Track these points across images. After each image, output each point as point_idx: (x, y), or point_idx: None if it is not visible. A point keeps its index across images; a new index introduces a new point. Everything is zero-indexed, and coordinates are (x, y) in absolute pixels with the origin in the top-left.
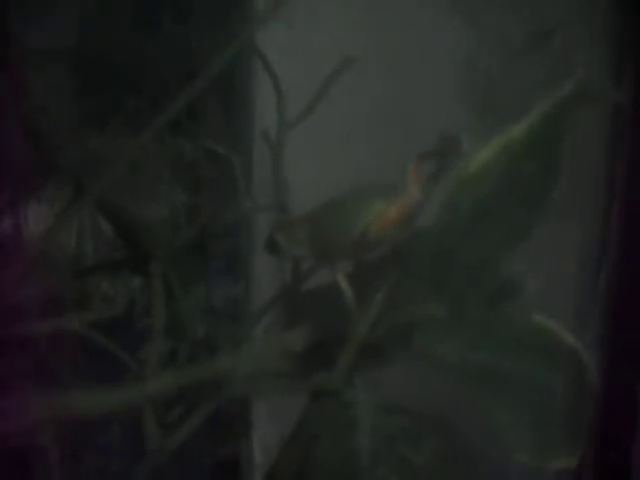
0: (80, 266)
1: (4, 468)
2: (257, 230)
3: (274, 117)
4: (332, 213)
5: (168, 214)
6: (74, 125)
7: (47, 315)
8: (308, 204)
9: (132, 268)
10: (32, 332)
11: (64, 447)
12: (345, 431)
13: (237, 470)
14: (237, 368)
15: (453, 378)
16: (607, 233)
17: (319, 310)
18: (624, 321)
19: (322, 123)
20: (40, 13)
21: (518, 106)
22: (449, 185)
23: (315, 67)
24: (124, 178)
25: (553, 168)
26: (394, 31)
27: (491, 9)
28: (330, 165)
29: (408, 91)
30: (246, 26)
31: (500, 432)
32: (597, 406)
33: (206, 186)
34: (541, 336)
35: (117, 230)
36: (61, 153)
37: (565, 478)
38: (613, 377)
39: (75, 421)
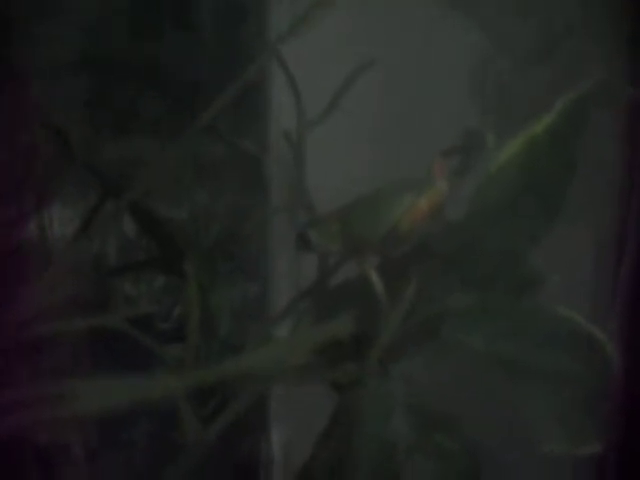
0: (104, 267)
1: (31, 465)
2: (275, 229)
3: (291, 119)
4: (363, 208)
5: (190, 215)
6: (97, 130)
7: (73, 316)
8: (327, 204)
9: (163, 268)
10: (66, 330)
11: (91, 444)
12: (380, 422)
13: (256, 467)
14: (270, 363)
15: (481, 368)
16: (625, 228)
17: (348, 303)
18: None
19: (338, 124)
20: (53, 22)
21: (532, 107)
22: (477, 180)
23: (330, 69)
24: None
25: (573, 164)
26: (409, 34)
27: (506, 12)
28: (347, 165)
29: (425, 93)
30: (267, 36)
31: (527, 420)
32: (620, 394)
33: (228, 186)
34: (566, 327)
35: (147, 231)
36: (88, 158)
37: (589, 464)
38: (635, 366)
39: (107, 412)
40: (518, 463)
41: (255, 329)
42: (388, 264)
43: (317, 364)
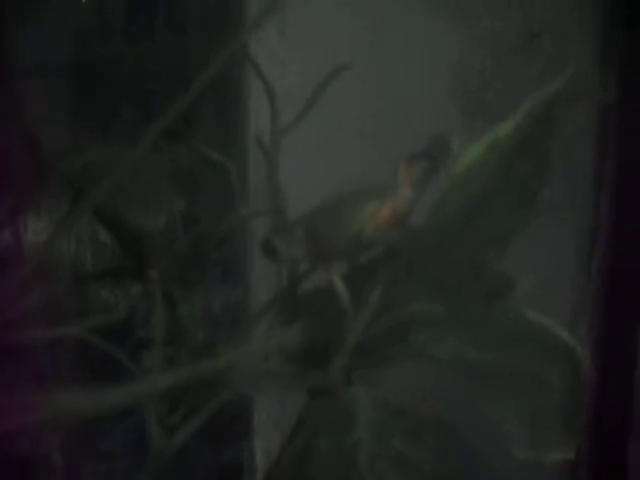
0: (79, 274)
1: (10, 475)
2: (253, 236)
3: (268, 123)
4: (327, 215)
5: (165, 222)
6: (72, 136)
7: (49, 323)
8: (303, 208)
9: (132, 275)
10: (35, 339)
11: (68, 454)
12: (343, 428)
13: (239, 475)
14: (236, 366)
15: (449, 375)
16: (597, 229)
17: (316, 311)
18: (616, 315)
19: (315, 127)
20: (36, 26)
21: (509, 106)
22: (440, 184)
23: (307, 72)
24: (122, 187)
25: (542, 165)
26: (386, 34)
27: (482, 11)
28: (323, 168)
29: (400, 93)
30: (239, 33)
31: (497, 427)
32: (592, 399)
33: (203, 193)
34: (536, 332)
35: (117, 238)
36: (59, 163)
37: (562, 472)
38: (607, 371)
39: (77, 421)
40: (503, 466)
41: (226, 337)
42: (355, 271)
43: (286, 371)
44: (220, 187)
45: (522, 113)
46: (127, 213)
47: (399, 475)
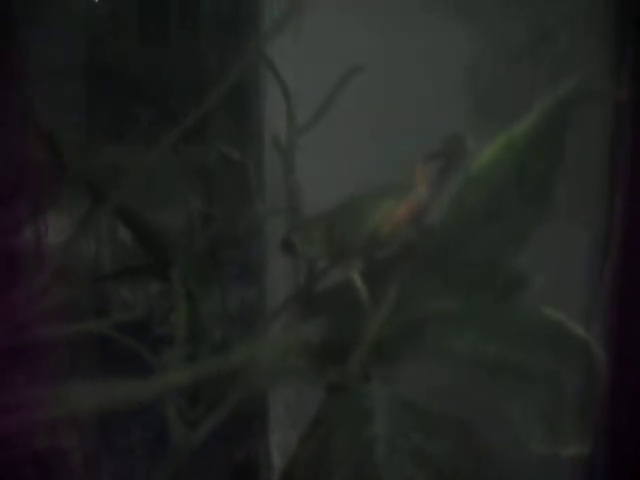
0: (99, 273)
1: (29, 470)
2: (271, 234)
3: (283, 123)
4: (345, 213)
5: (184, 221)
6: (90, 137)
7: (69, 321)
8: (319, 206)
9: (152, 274)
10: (56, 335)
11: (87, 449)
12: (361, 424)
13: (255, 472)
14: (255, 361)
15: (465, 371)
16: (611, 227)
17: (333, 308)
18: (631, 312)
19: (330, 127)
20: (50, 28)
21: (521, 107)
22: (456, 183)
23: (322, 73)
24: (141, 186)
25: (556, 165)
26: (399, 35)
27: (493, 12)
28: (339, 168)
29: (414, 94)
30: (255, 36)
31: (512, 422)
32: (607, 395)
33: (220, 192)
34: (551, 328)
35: (137, 237)
36: (78, 164)
37: (578, 467)
38: (622, 367)
39: (97, 416)
40: (518, 463)
41: (243, 336)
42: (373, 268)
43: (304, 367)
44: (237, 186)
45: (536, 113)
46: (146, 212)
47: (417, 469)
